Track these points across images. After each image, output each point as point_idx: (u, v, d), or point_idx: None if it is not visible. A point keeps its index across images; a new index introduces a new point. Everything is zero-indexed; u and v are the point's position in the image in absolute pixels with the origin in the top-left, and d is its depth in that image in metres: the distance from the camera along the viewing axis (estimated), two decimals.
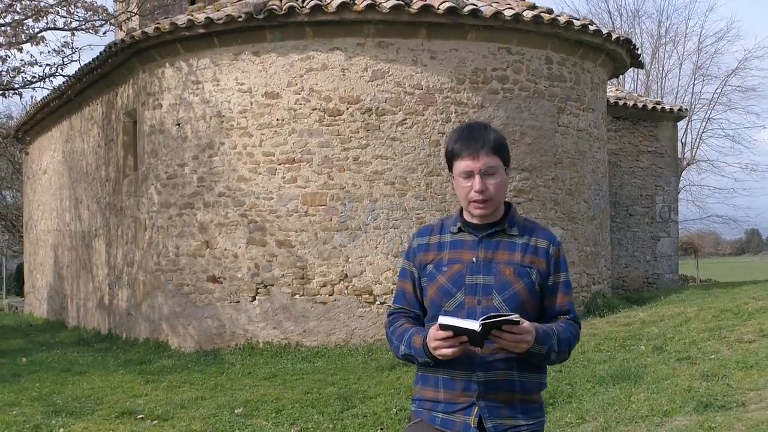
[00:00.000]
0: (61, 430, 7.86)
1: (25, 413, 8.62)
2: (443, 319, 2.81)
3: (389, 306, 2.70)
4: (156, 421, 7.99)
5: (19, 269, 41.21)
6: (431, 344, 2.86)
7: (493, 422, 2.94)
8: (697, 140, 36.63)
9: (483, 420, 2.94)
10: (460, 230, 3.12)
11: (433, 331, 2.85)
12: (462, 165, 3.02)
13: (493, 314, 2.79)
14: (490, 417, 2.94)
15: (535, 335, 2.84)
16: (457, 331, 2.78)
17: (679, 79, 52.07)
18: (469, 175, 3.00)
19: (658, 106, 19.30)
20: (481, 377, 2.94)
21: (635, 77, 36.14)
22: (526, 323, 2.81)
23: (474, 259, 3.03)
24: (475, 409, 2.94)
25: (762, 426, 5.92)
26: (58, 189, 18.79)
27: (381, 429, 7.31)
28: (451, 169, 3.10)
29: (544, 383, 3.09)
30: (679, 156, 34.71)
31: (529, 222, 3.19)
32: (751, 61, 58.96)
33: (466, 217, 3.12)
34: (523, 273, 3.01)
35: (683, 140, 36.06)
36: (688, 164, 36.29)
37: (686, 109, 21.12)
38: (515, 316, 2.76)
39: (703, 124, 36.78)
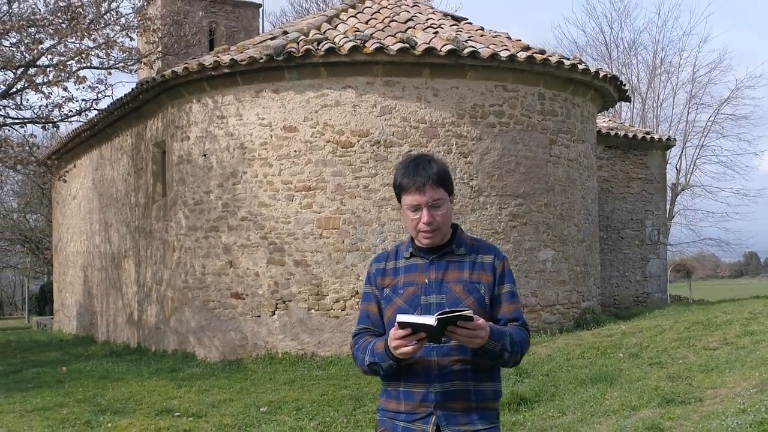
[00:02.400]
0: (109, 425, 8.83)
1: (74, 412, 9.60)
2: (401, 317, 2.94)
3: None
4: (191, 418, 8.94)
5: (42, 290, 42.20)
6: (392, 344, 2.98)
7: (451, 429, 3.10)
8: (692, 166, 37.56)
9: (441, 428, 3.10)
10: (412, 255, 3.28)
11: (393, 332, 2.98)
12: (409, 199, 3.16)
13: (448, 309, 2.94)
14: (447, 424, 3.10)
15: (490, 332, 2.98)
16: (416, 328, 2.91)
17: (673, 108, 52.78)
18: (416, 208, 3.15)
19: (648, 136, 20.27)
20: (438, 388, 3.09)
21: (632, 106, 37.09)
22: (480, 320, 2.96)
23: (426, 280, 3.19)
24: (433, 418, 3.09)
25: (712, 416, 6.84)
26: (87, 213, 19.84)
27: None
28: (399, 200, 3.25)
29: (499, 391, 3.25)
30: (674, 181, 35.71)
31: (475, 241, 3.36)
32: (743, 90, 59.83)
33: (417, 242, 3.27)
34: (472, 289, 3.18)
35: (678, 166, 37.01)
36: (683, 189, 37.13)
37: (674, 138, 22.08)
38: (468, 312, 2.90)
39: (697, 150, 37.72)
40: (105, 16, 13.62)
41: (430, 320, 2.86)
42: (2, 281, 49.67)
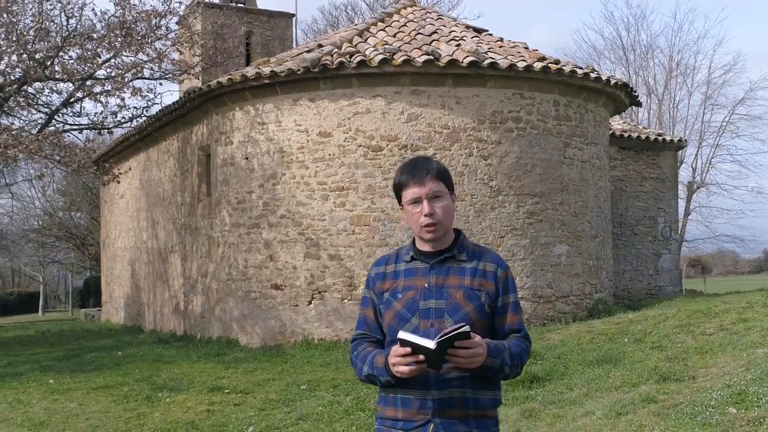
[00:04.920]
0: (168, 399, 9.71)
1: (135, 389, 10.50)
2: (402, 334, 2.82)
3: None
4: (240, 394, 9.79)
5: (86, 284, 43.42)
6: (391, 360, 2.87)
7: None
8: (707, 165, 37.89)
9: None
10: (413, 258, 3.16)
11: (394, 348, 2.87)
12: (410, 193, 3.07)
13: (446, 331, 2.80)
14: None
15: (487, 349, 2.88)
16: (415, 348, 2.79)
17: (688, 109, 53.50)
18: (416, 201, 3.06)
19: (660, 137, 20.85)
20: (435, 395, 2.95)
21: (648, 107, 37.60)
22: (477, 337, 2.85)
23: (426, 284, 3.07)
24: (431, 426, 2.95)
25: (701, 390, 7.54)
26: (135, 211, 20.81)
27: None
28: (400, 201, 3.16)
29: (498, 399, 3.11)
30: (690, 180, 36.15)
31: (478, 247, 3.22)
32: (757, 91, 60.30)
33: (418, 245, 3.17)
34: (472, 296, 3.04)
35: (694, 165, 37.43)
36: (698, 187, 37.48)
37: (686, 140, 22.68)
38: (465, 327, 2.78)
39: (713, 150, 38.02)
40: (156, 32, 14.53)
41: (430, 344, 2.75)
42: (46, 276, 51.00)
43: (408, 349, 2.79)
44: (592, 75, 14.62)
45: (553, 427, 7.08)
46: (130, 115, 15.75)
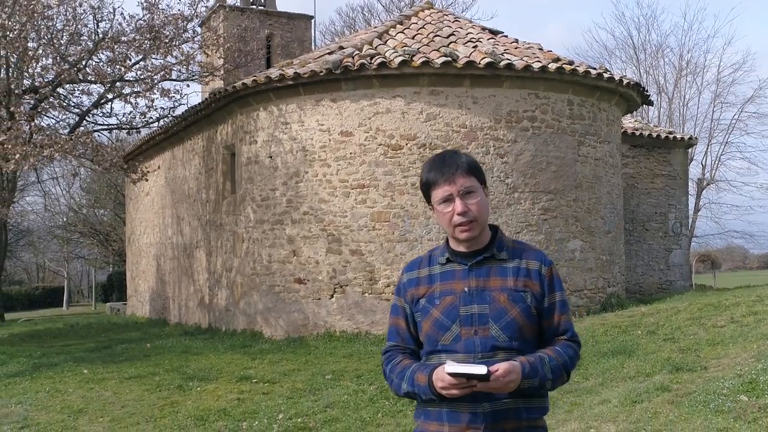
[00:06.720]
0: (198, 389, 9.93)
1: (165, 379, 10.73)
2: (450, 368, 2.60)
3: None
4: (267, 384, 10.00)
5: (110, 279, 43.81)
6: (438, 385, 2.64)
7: None
8: (716, 162, 37.88)
9: None
10: (448, 261, 2.89)
11: (442, 374, 2.62)
12: (440, 192, 2.82)
13: (465, 371, 2.58)
14: None
15: (522, 371, 2.66)
16: (468, 378, 2.59)
17: (698, 107, 53.57)
18: (448, 199, 2.81)
19: (671, 135, 20.96)
20: (487, 408, 2.71)
21: (659, 106, 37.61)
22: (501, 369, 2.59)
23: (466, 288, 2.80)
24: None
25: (713, 380, 7.68)
26: (160, 208, 21.07)
27: None
28: (429, 201, 2.90)
29: (546, 407, 2.88)
30: (700, 177, 36.17)
31: (518, 244, 2.96)
32: (766, 89, 60.05)
33: (453, 245, 2.90)
34: (517, 298, 2.79)
35: (703, 162, 37.42)
36: (708, 184, 37.48)
37: (696, 138, 22.78)
38: (481, 369, 2.56)
39: (722, 147, 37.99)
40: (183, 35, 14.77)
41: (482, 369, 2.56)
42: (70, 271, 51.49)
43: (461, 380, 2.58)
44: (606, 75, 14.75)
45: (571, 414, 7.25)
46: (158, 116, 15.99)
